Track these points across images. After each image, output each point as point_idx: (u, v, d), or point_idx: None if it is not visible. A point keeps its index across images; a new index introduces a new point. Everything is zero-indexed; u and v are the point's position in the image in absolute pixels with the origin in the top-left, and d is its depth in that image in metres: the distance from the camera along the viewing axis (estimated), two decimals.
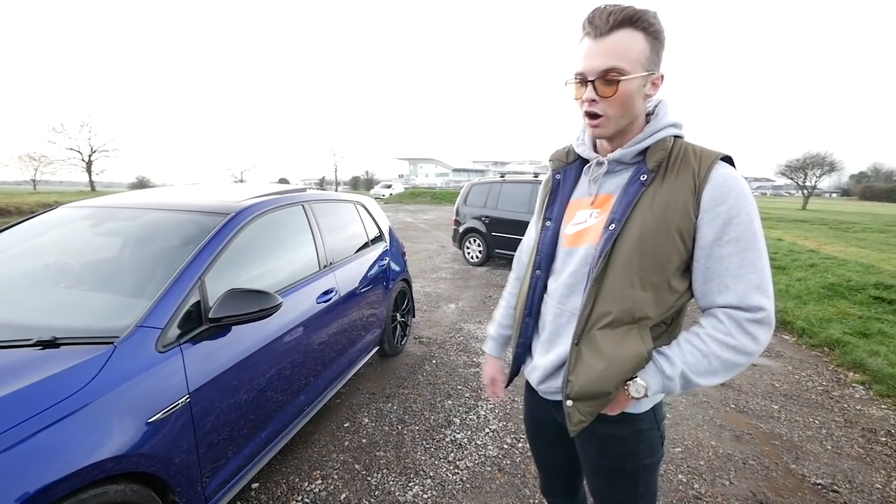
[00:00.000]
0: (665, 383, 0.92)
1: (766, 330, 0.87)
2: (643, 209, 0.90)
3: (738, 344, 0.87)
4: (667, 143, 0.93)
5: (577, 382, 0.97)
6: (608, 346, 0.94)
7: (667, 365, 0.92)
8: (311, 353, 2.29)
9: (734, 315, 0.88)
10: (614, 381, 0.94)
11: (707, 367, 0.90)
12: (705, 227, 0.88)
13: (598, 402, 0.97)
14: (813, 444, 2.60)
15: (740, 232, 0.86)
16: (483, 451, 2.43)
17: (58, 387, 1.22)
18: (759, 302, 0.86)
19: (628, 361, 0.93)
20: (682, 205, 0.88)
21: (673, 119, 0.96)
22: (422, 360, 3.63)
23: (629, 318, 0.93)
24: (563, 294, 1.03)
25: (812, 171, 35.92)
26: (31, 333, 1.42)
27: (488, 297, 5.71)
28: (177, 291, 1.61)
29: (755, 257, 0.86)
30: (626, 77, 0.86)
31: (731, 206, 0.86)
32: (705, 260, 0.89)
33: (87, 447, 1.19)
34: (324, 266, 2.59)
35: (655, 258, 0.90)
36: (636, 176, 0.94)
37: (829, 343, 4.11)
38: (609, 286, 0.93)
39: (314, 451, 2.40)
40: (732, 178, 0.87)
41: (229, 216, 2.00)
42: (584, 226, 1.02)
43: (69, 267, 1.94)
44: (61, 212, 2.28)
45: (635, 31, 0.86)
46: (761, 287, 0.86)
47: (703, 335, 0.91)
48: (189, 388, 1.53)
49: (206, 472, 1.62)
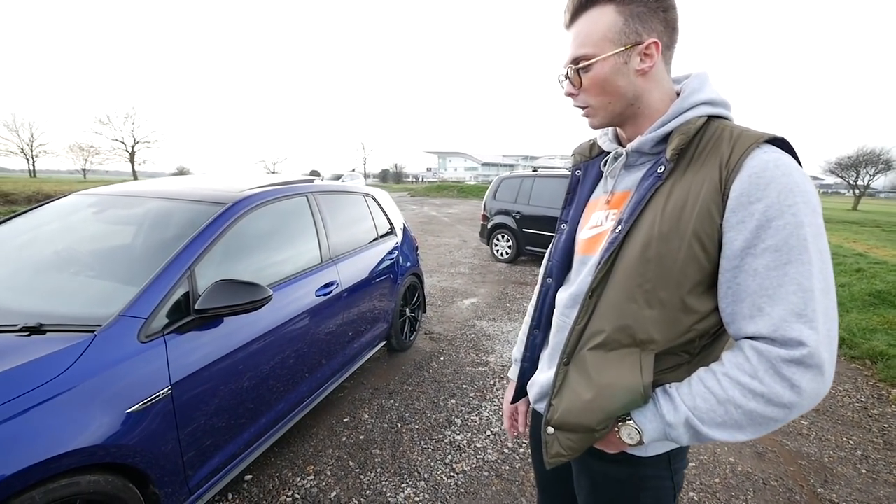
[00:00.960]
0: (667, 431, 0.74)
1: (812, 376, 0.64)
2: (655, 208, 0.75)
3: (767, 392, 0.65)
4: (691, 126, 0.75)
5: (558, 408, 0.83)
6: (597, 371, 0.79)
7: (669, 409, 0.74)
8: (308, 346, 2.26)
9: (764, 351, 0.66)
10: (599, 416, 0.78)
11: (723, 417, 0.69)
12: (732, 232, 0.68)
13: (581, 436, 0.81)
14: (845, 466, 2.38)
15: (781, 239, 0.65)
16: (482, 455, 2.34)
17: (30, 375, 1.21)
18: (799, 334, 0.63)
19: (616, 395, 0.76)
20: (703, 203, 0.70)
21: (707, 95, 0.78)
22: (430, 357, 3.57)
23: (628, 340, 0.77)
24: (568, 305, 0.90)
25: (865, 170, 33.66)
26: (22, 318, 1.43)
27: (505, 293, 5.58)
28: (163, 281, 1.59)
29: (801, 274, 0.64)
30: (592, 61, 0.78)
31: (770, 205, 0.65)
32: (733, 273, 0.69)
33: (57, 437, 1.18)
34: (326, 259, 2.55)
35: (665, 269, 0.73)
36: (653, 168, 0.78)
37: (872, 355, 3.78)
38: (607, 299, 0.78)
39: (311, 444, 2.38)
40: (776, 166, 0.67)
41: (226, 206, 1.98)
42: (599, 230, 0.87)
43: (70, 253, 1.96)
44: (71, 199, 2.32)
45: (602, 6, 0.76)
46: (804, 315, 0.64)
47: (721, 375, 0.71)
48: (171, 379, 1.51)
49: (191, 465, 1.61)
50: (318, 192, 2.73)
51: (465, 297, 5.38)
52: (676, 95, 0.83)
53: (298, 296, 2.21)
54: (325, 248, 2.58)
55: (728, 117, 0.79)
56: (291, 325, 2.11)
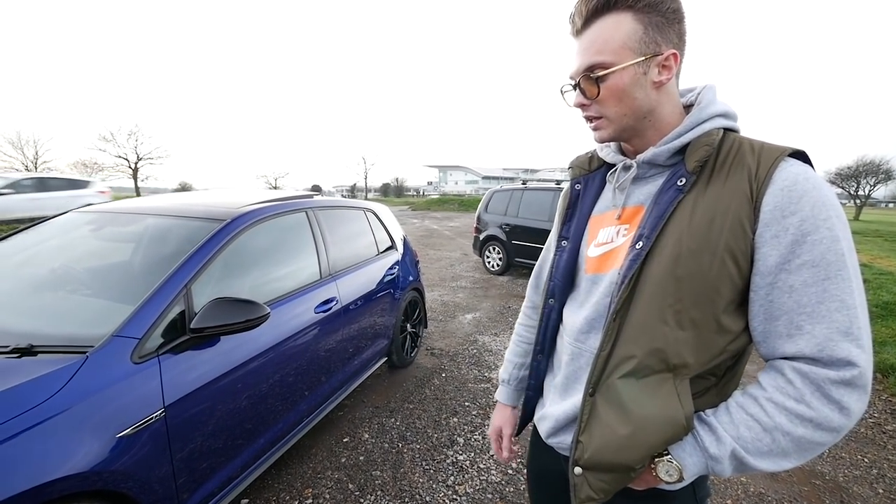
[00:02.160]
0: (710, 465, 0.69)
1: (859, 396, 0.61)
2: (680, 223, 0.71)
3: (816, 416, 0.62)
4: (712, 138, 0.72)
5: (589, 446, 0.76)
6: (634, 401, 0.72)
7: (711, 441, 0.69)
8: (307, 364, 2.22)
9: (810, 373, 0.63)
10: (640, 452, 0.72)
11: (770, 446, 0.65)
12: (766, 247, 0.66)
13: (616, 476, 0.75)
14: (861, 485, 2.31)
15: (819, 254, 0.63)
16: (486, 476, 2.28)
17: (19, 398, 1.17)
18: (849, 354, 0.61)
19: (658, 429, 0.70)
20: (734, 216, 0.67)
21: (722, 107, 0.76)
22: (431, 373, 3.51)
23: (661, 366, 0.72)
24: (583, 330, 0.83)
25: (866, 180, 33.67)
26: (14, 339, 1.40)
27: (507, 307, 5.53)
28: (158, 300, 1.56)
29: (842, 290, 0.62)
30: (611, 70, 0.73)
31: (805, 218, 0.63)
32: (768, 290, 0.66)
33: (45, 464, 1.13)
34: (326, 274, 2.52)
35: (697, 287, 0.69)
36: (672, 180, 0.74)
37: (883, 369, 3.71)
38: (634, 322, 0.73)
39: (309, 466, 2.32)
40: (806, 179, 0.65)
41: (224, 223, 1.96)
42: (610, 246, 0.83)
43: (67, 271, 1.93)
44: (69, 217, 2.31)
45: (619, 13, 0.72)
46: (851, 333, 0.61)
47: (764, 400, 0.67)
48: (165, 401, 1.46)
49: (184, 489, 1.55)
50: (318, 208, 2.72)
51: (467, 311, 5.33)
52: (683, 108, 0.80)
53: (297, 312, 2.18)
54: (325, 264, 2.55)
55: (738, 129, 0.78)
56: (290, 343, 2.07)
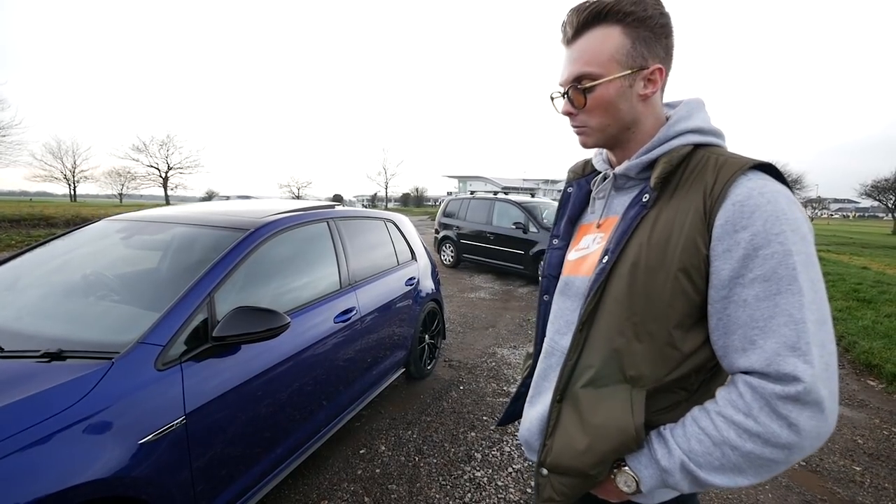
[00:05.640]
0: (663, 477, 0.69)
1: (811, 413, 0.60)
2: (640, 238, 0.72)
3: (763, 431, 0.61)
4: (674, 154, 0.73)
5: (552, 448, 0.79)
6: (591, 411, 0.75)
7: (663, 453, 0.69)
8: (326, 373, 2.22)
9: (759, 387, 0.63)
10: (591, 459, 0.74)
11: (721, 461, 0.64)
12: (719, 261, 0.66)
13: (574, 481, 0.77)
14: None
15: (770, 268, 0.62)
16: (503, 494, 2.22)
17: (47, 403, 1.20)
18: (794, 369, 0.60)
19: (610, 437, 0.72)
20: (688, 233, 0.68)
21: (695, 123, 0.76)
22: (449, 386, 3.47)
23: (618, 376, 0.74)
24: (559, 330, 0.87)
25: None
26: (46, 344, 1.44)
27: (527, 319, 5.45)
28: (183, 308, 1.59)
29: (792, 305, 0.61)
30: (598, 82, 0.74)
31: (757, 233, 0.63)
32: (723, 304, 0.67)
33: (69, 469, 1.15)
34: (346, 284, 2.53)
35: (651, 302, 0.70)
36: (639, 196, 0.77)
37: None
38: (597, 332, 0.76)
39: (325, 477, 2.30)
40: (761, 194, 0.64)
41: (248, 232, 1.99)
42: (585, 252, 0.87)
43: (98, 278, 1.99)
44: (101, 224, 2.39)
45: (609, 26, 0.73)
46: (797, 348, 0.60)
47: (714, 414, 0.67)
48: (186, 408, 1.48)
49: (203, 497, 1.56)
50: (339, 218, 2.74)
51: (486, 323, 5.27)
52: (665, 121, 0.80)
53: (317, 322, 2.19)
54: (345, 274, 2.57)
55: (719, 145, 0.77)
56: (309, 352, 2.08)
